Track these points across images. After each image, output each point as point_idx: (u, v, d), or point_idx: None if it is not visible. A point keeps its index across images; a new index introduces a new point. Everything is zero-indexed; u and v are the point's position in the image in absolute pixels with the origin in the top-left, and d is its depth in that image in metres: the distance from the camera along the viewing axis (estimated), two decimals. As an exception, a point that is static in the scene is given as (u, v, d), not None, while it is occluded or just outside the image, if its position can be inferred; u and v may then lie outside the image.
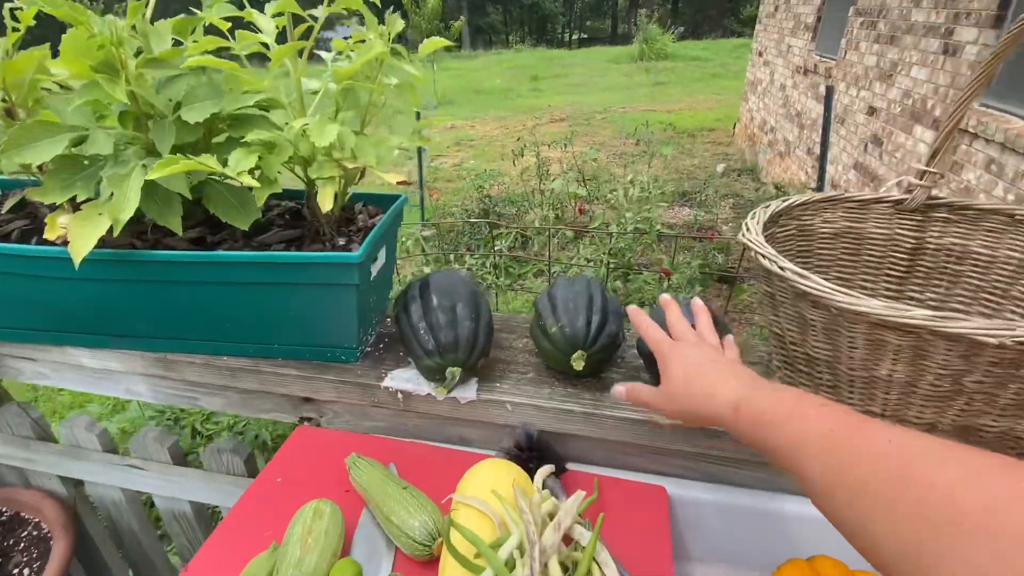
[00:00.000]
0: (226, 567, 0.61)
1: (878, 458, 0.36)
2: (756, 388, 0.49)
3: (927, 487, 0.32)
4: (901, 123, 3.69)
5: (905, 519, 0.32)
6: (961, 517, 0.30)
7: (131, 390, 0.92)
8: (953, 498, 0.31)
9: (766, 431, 0.45)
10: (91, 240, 0.64)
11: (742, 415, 0.48)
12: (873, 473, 0.35)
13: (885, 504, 0.34)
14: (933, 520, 0.31)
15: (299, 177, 0.73)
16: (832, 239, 0.80)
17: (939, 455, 0.34)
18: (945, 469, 0.33)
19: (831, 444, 0.39)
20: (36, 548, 1.12)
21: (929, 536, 0.31)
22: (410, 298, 0.75)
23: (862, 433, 0.38)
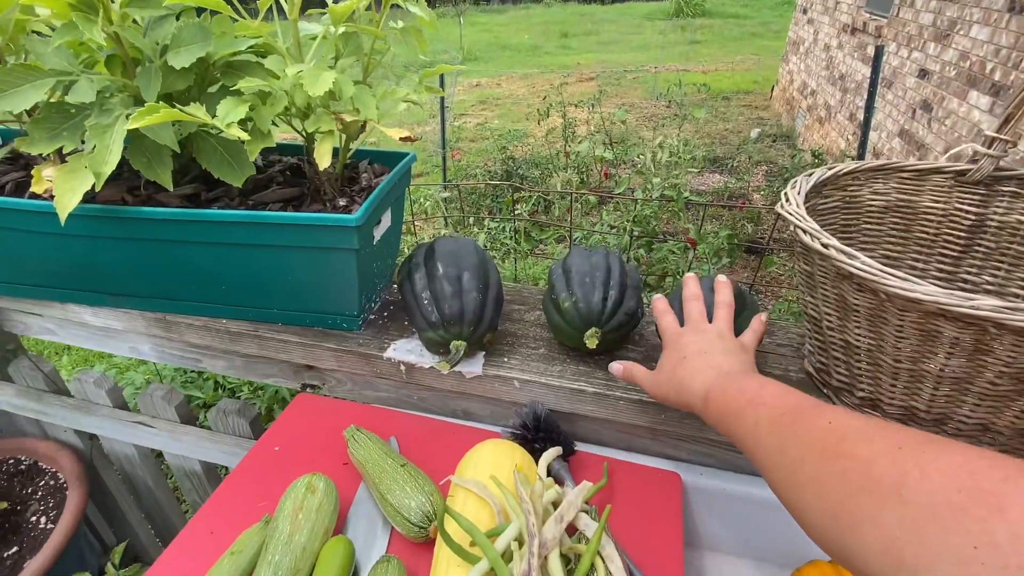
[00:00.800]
0: (218, 538, 0.59)
1: (816, 437, 0.38)
2: (727, 378, 0.51)
3: (851, 459, 0.35)
4: (955, 88, 3.44)
5: (830, 489, 0.35)
6: (875, 486, 0.32)
7: (136, 349, 0.90)
8: (871, 469, 0.33)
9: (730, 419, 0.47)
10: (77, 194, 0.60)
11: (710, 404, 0.50)
12: (809, 451, 0.38)
13: (815, 477, 0.36)
14: (852, 489, 0.33)
15: (297, 131, 0.68)
16: (881, 213, 0.72)
17: (870, 433, 0.36)
18: (872, 444, 0.34)
19: (778, 427, 0.42)
20: (53, 497, 1.14)
21: (848, 503, 0.33)
22: (414, 265, 0.71)
23: (806, 416, 0.41)
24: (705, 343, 0.56)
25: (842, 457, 0.35)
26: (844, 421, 0.38)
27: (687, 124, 4.89)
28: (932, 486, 0.30)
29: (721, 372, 0.52)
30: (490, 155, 4.54)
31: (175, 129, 0.64)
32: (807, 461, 0.37)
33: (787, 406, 0.43)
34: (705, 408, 0.50)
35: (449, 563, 0.50)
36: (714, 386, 0.50)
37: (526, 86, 8.13)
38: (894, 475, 0.31)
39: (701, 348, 0.56)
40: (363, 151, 0.83)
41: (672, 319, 0.62)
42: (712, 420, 0.50)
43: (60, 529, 1.06)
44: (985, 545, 0.26)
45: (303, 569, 0.52)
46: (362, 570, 0.56)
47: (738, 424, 0.45)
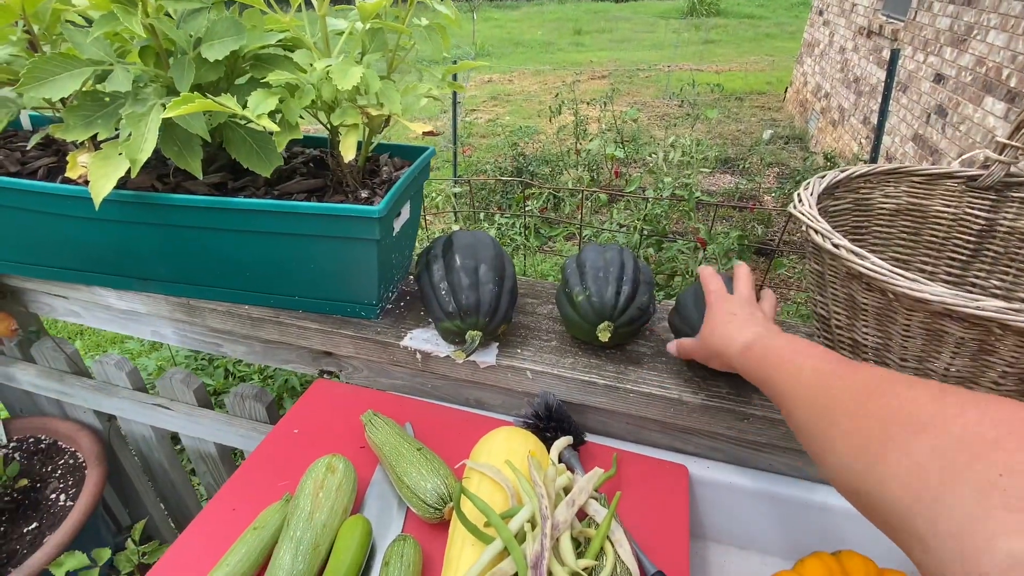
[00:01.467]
0: (239, 515, 0.61)
1: (860, 380, 0.39)
2: (774, 333, 0.53)
3: (892, 396, 0.36)
4: (970, 93, 3.42)
5: (866, 421, 0.36)
6: (912, 419, 0.33)
7: (158, 332, 0.93)
8: (910, 405, 0.34)
9: (769, 367, 0.48)
10: (111, 180, 0.62)
11: (751, 354, 0.52)
12: (851, 390, 0.39)
13: (852, 411, 0.37)
14: (887, 421, 0.34)
15: (322, 124, 0.69)
16: (892, 216, 0.73)
17: (914, 381, 0.37)
18: (914, 387, 0.36)
19: (823, 373, 0.43)
20: (72, 476, 1.17)
21: (880, 433, 0.34)
22: (432, 257, 0.73)
23: (851, 366, 0.42)
24: (747, 309, 0.59)
25: (883, 395, 0.36)
26: (888, 372, 0.39)
27: (699, 124, 4.88)
28: (968, 421, 0.30)
29: (768, 329, 0.54)
30: (501, 151, 4.55)
31: (206, 119, 0.66)
32: (847, 399, 0.38)
33: (835, 361, 0.44)
34: (744, 354, 0.52)
35: (464, 542, 0.52)
36: (761, 336, 0.53)
37: (538, 83, 8.13)
38: (932, 411, 0.32)
39: (751, 313, 0.58)
40: (383, 145, 0.85)
41: (721, 284, 0.64)
42: (750, 366, 0.51)
43: (79, 507, 1.09)
44: (1010, 472, 0.27)
45: (323, 545, 0.55)
46: (378, 548, 0.58)
47: (779, 370, 0.47)
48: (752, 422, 0.65)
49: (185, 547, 0.59)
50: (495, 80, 8.46)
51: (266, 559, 0.55)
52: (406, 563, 0.53)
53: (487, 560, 0.48)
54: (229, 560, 0.53)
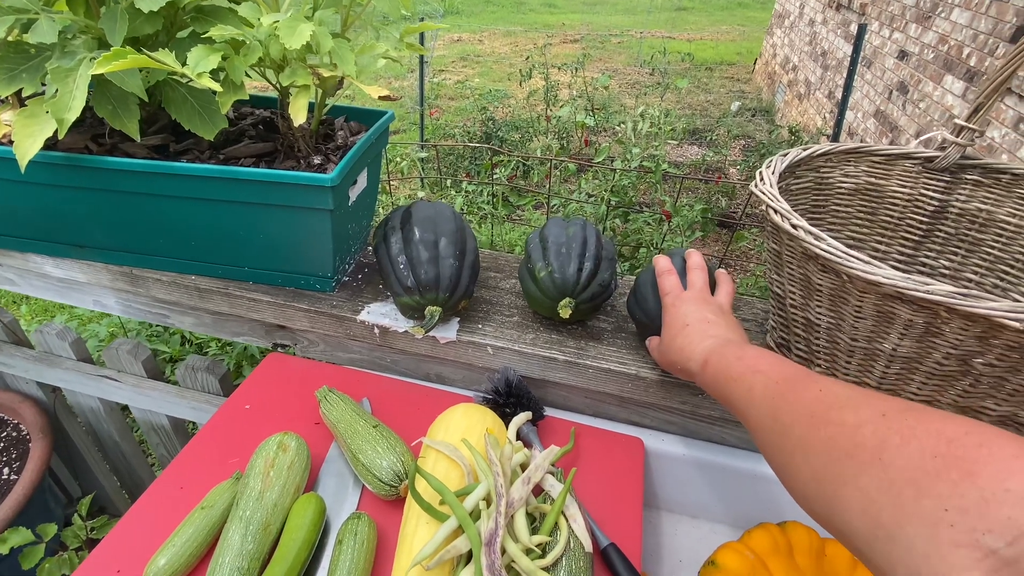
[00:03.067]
0: (187, 493, 0.60)
1: (806, 404, 0.39)
2: (727, 345, 0.52)
3: (838, 425, 0.36)
4: (932, 71, 3.49)
5: (817, 453, 0.36)
6: (858, 451, 0.33)
7: (100, 302, 0.88)
8: (855, 435, 0.34)
9: (725, 384, 0.48)
10: (37, 141, 0.58)
11: (708, 370, 0.51)
12: (799, 417, 0.39)
13: (803, 441, 0.37)
14: (836, 454, 0.34)
15: (271, 83, 0.65)
16: (850, 195, 0.74)
17: (857, 401, 0.37)
18: (858, 412, 0.35)
19: (772, 394, 0.43)
20: (15, 449, 1.13)
21: (832, 467, 0.34)
22: (390, 229, 0.70)
23: (799, 385, 0.42)
24: (708, 312, 0.58)
25: (830, 424, 0.36)
26: (833, 390, 0.39)
27: (669, 93, 4.86)
28: (910, 451, 0.30)
29: (721, 340, 0.53)
30: (469, 115, 4.45)
31: (142, 76, 0.61)
32: (797, 426, 0.38)
33: (782, 375, 0.44)
34: (703, 372, 0.52)
35: (419, 520, 0.52)
36: (714, 352, 0.51)
37: (509, 44, 7.92)
38: (876, 441, 0.32)
39: (704, 316, 0.57)
40: (339, 107, 0.81)
41: (676, 281, 0.62)
42: (708, 384, 0.51)
43: (24, 480, 1.05)
44: (955, 508, 0.27)
45: (274, 524, 0.54)
46: (333, 526, 0.57)
47: (734, 389, 0.47)
48: (706, 397, 0.66)
49: (131, 526, 0.57)
50: (465, 40, 8.21)
51: (214, 539, 0.54)
52: (360, 541, 0.52)
53: (442, 538, 0.48)
54: (175, 540, 0.52)
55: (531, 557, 0.48)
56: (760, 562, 0.54)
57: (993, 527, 0.25)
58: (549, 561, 0.48)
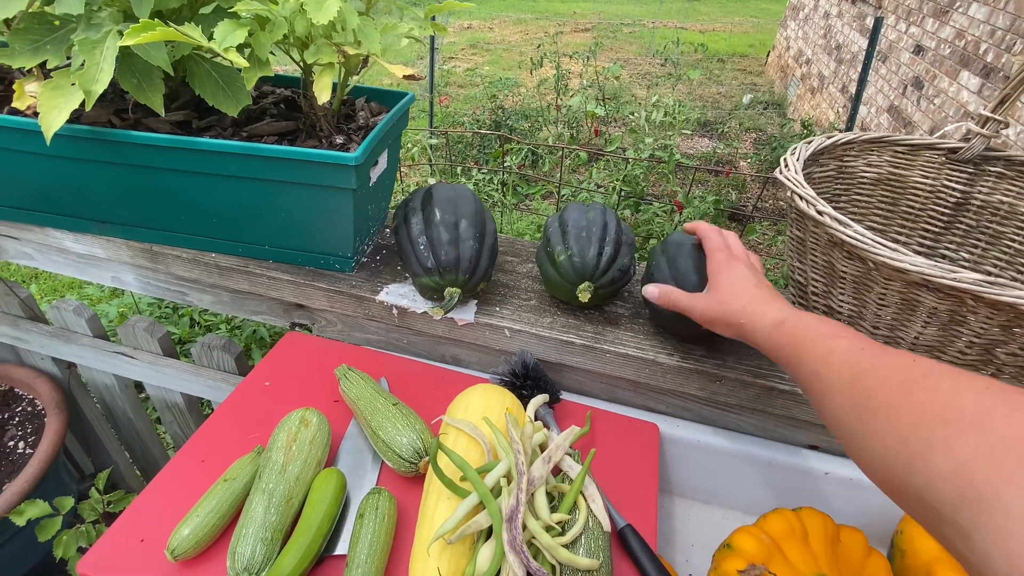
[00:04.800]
0: (209, 466, 0.60)
1: (897, 369, 0.38)
2: (800, 311, 0.51)
3: (933, 391, 0.34)
4: (947, 66, 3.45)
5: (904, 416, 0.34)
6: (956, 416, 0.32)
7: (119, 279, 0.88)
8: (953, 401, 0.33)
9: (802, 347, 0.46)
10: (63, 113, 0.58)
11: (784, 330, 0.49)
12: (887, 380, 0.37)
13: (890, 404, 0.36)
14: (930, 417, 0.33)
15: (295, 61, 0.65)
16: (872, 185, 0.74)
17: (956, 373, 0.35)
18: (957, 381, 0.34)
19: (856, 358, 0.41)
20: (31, 423, 1.14)
21: (922, 429, 0.33)
22: (411, 210, 0.70)
23: (890, 352, 0.40)
24: (759, 279, 0.57)
25: (925, 389, 0.35)
26: (929, 361, 0.38)
27: (680, 85, 4.82)
28: (1016, 421, 0.29)
29: (787, 306, 0.52)
30: (479, 102, 4.43)
31: (167, 50, 0.61)
32: (883, 389, 0.37)
33: (868, 342, 0.42)
34: (776, 330, 0.50)
35: (439, 496, 0.52)
36: (792, 316, 0.50)
37: (519, 32, 7.86)
38: (978, 409, 0.31)
39: (759, 281, 0.56)
40: (360, 88, 0.80)
41: (722, 240, 0.61)
42: (778, 343, 0.49)
43: (39, 454, 1.06)
44: None
45: (296, 497, 0.54)
46: (352, 500, 0.58)
47: (808, 349, 0.45)
48: (724, 384, 0.66)
49: (153, 497, 0.58)
50: (475, 27, 8.16)
51: (237, 511, 0.55)
52: (381, 515, 0.53)
53: (463, 513, 0.49)
54: (199, 511, 0.53)
55: (551, 534, 0.49)
56: (775, 546, 0.55)
57: None
58: (569, 539, 0.49)
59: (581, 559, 0.47)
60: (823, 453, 0.69)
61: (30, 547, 1.08)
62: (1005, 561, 0.26)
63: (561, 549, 0.47)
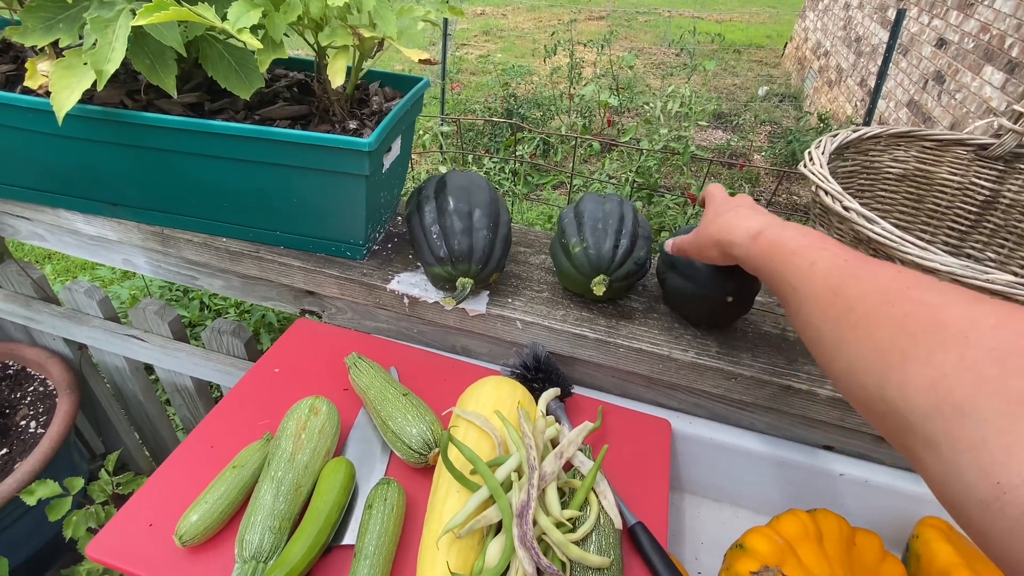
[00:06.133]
0: (218, 452, 0.60)
1: (881, 281, 0.36)
2: (781, 223, 0.49)
3: (918, 303, 0.33)
4: (970, 61, 3.37)
5: (885, 326, 0.33)
6: (941, 328, 0.30)
7: (130, 261, 0.88)
8: (939, 313, 0.31)
9: (780, 257, 0.45)
10: (75, 93, 0.57)
11: (761, 241, 0.48)
12: (871, 292, 0.36)
13: (871, 316, 0.34)
14: (912, 329, 0.32)
15: (309, 44, 0.64)
16: (898, 181, 0.72)
17: (943, 286, 0.34)
18: (944, 294, 0.33)
19: (839, 269, 0.39)
20: (42, 404, 1.15)
21: (902, 340, 0.31)
22: (424, 198, 0.69)
23: (873, 264, 0.38)
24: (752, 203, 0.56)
25: (908, 301, 0.33)
26: (915, 274, 0.36)
27: (695, 75, 4.75)
28: (1004, 334, 0.28)
29: (777, 220, 0.50)
30: (491, 90, 4.39)
31: (180, 31, 0.60)
32: (865, 302, 0.36)
33: (851, 255, 0.41)
34: (752, 242, 0.48)
35: (449, 488, 0.52)
36: (772, 225, 0.48)
37: (532, 20, 7.78)
38: (965, 321, 0.30)
39: (751, 204, 0.56)
40: (374, 72, 0.79)
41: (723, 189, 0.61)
42: (756, 256, 0.48)
43: (50, 434, 1.07)
44: None
45: (305, 486, 0.54)
46: (361, 491, 0.57)
47: (789, 261, 0.43)
48: (739, 381, 0.65)
49: (162, 481, 0.58)
50: (488, 13, 8.08)
51: (245, 498, 0.55)
52: (389, 506, 0.52)
53: (473, 507, 0.48)
54: (208, 498, 0.52)
55: (562, 531, 0.48)
56: (789, 548, 0.54)
57: None
58: (580, 536, 0.48)
59: (592, 556, 0.47)
60: (838, 454, 0.68)
61: (40, 526, 1.09)
62: (977, 470, 0.26)
63: (572, 546, 0.46)
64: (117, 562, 0.52)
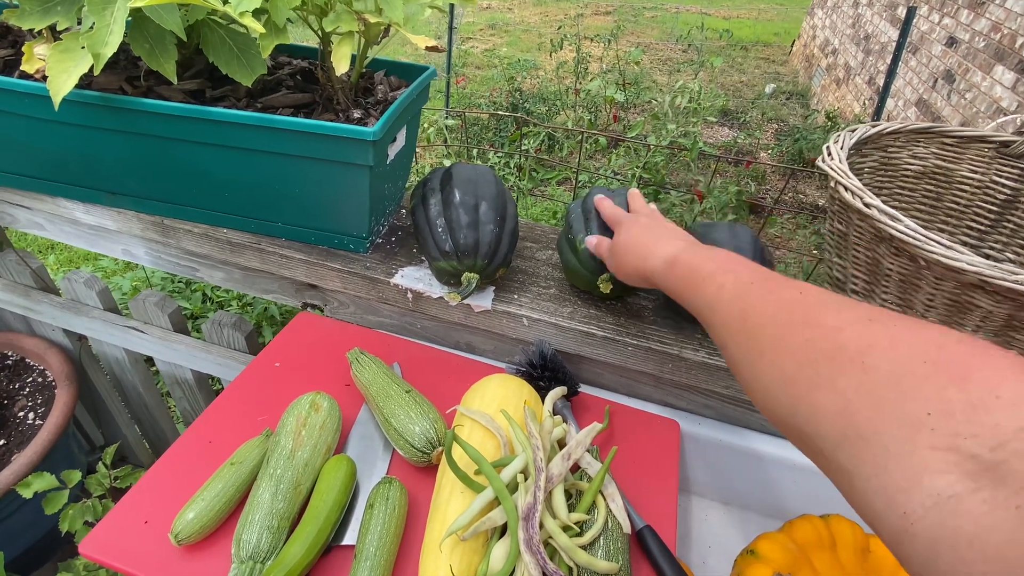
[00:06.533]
0: (216, 447, 0.59)
1: (783, 304, 0.37)
2: (696, 247, 0.50)
3: (817, 327, 0.33)
4: (981, 60, 3.33)
5: (789, 353, 0.33)
6: (839, 353, 0.31)
7: (129, 252, 0.87)
8: (837, 337, 0.32)
9: (694, 284, 0.45)
10: (72, 77, 0.55)
11: (675, 269, 0.49)
12: (774, 316, 0.36)
13: (776, 342, 0.35)
14: (813, 355, 0.32)
15: (313, 30, 0.62)
16: (916, 179, 0.70)
17: (840, 305, 0.34)
18: (841, 314, 0.33)
19: (745, 293, 0.40)
20: (41, 395, 1.14)
21: (807, 368, 0.32)
22: (429, 190, 0.67)
23: (776, 285, 0.39)
24: (661, 222, 0.58)
25: (808, 326, 0.34)
26: (815, 293, 0.36)
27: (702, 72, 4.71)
28: (898, 355, 0.28)
29: (690, 242, 0.52)
30: (496, 84, 4.35)
31: (181, 15, 0.58)
32: (770, 326, 0.36)
33: (758, 275, 0.41)
34: (669, 271, 0.49)
35: (452, 489, 0.50)
36: (685, 251, 0.49)
37: (538, 14, 7.73)
38: (861, 344, 0.30)
39: (661, 223, 0.57)
40: (379, 61, 0.77)
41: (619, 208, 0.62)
42: (673, 285, 0.49)
43: (48, 426, 1.06)
44: (939, 412, 0.25)
45: (305, 484, 0.53)
46: (362, 489, 0.56)
47: (702, 288, 0.44)
48: (751, 383, 0.63)
49: (159, 476, 0.57)
50: (494, 7, 8.03)
51: (243, 495, 0.53)
52: (391, 506, 0.51)
53: (477, 509, 0.47)
54: (204, 495, 0.51)
55: (569, 535, 0.47)
56: (802, 554, 0.52)
57: (978, 432, 0.24)
58: (587, 540, 0.47)
59: (600, 562, 0.45)
60: (851, 458, 0.67)
61: (38, 519, 1.08)
62: (884, 499, 0.26)
63: (579, 551, 0.45)
64: (111, 560, 0.50)
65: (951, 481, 0.23)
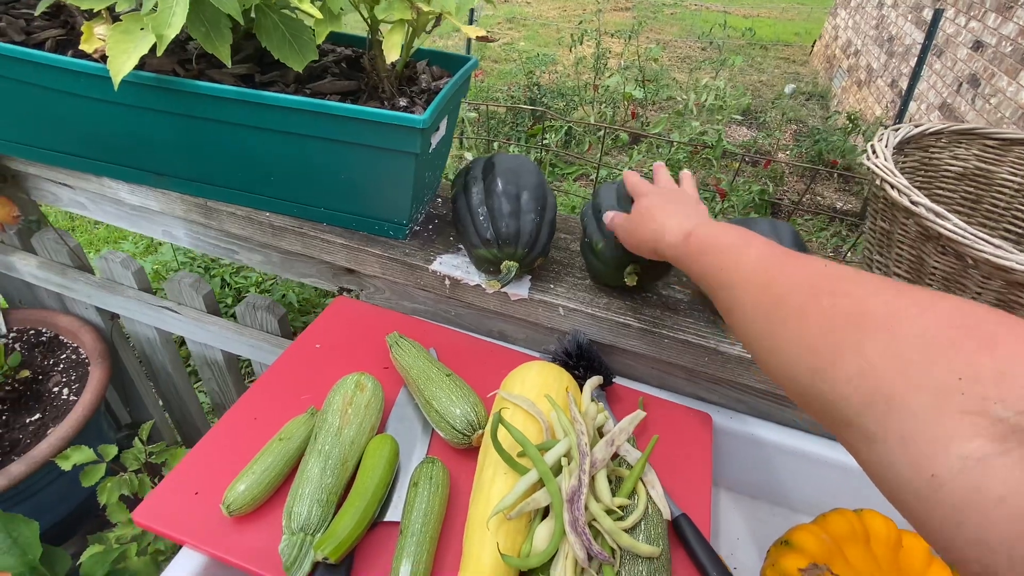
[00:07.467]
0: (261, 424, 0.60)
1: (808, 275, 0.36)
2: (714, 222, 0.50)
3: (843, 296, 0.33)
4: (1007, 65, 3.28)
5: (815, 322, 0.33)
6: (865, 320, 0.31)
7: (169, 233, 0.89)
8: (865, 303, 0.32)
9: (710, 256, 0.45)
10: (133, 58, 0.57)
11: (691, 242, 0.49)
12: (797, 287, 0.36)
13: (800, 310, 0.35)
14: (839, 321, 0.32)
15: (363, 17, 0.63)
16: (956, 180, 0.70)
17: (868, 277, 0.34)
18: (868, 285, 0.33)
19: (767, 265, 0.40)
20: (74, 371, 1.16)
21: (832, 335, 0.32)
22: (472, 179, 0.68)
23: (799, 258, 0.39)
24: (679, 196, 0.57)
25: (835, 294, 0.34)
26: (840, 267, 0.36)
27: (723, 71, 4.68)
28: (926, 321, 0.28)
29: (701, 218, 0.52)
30: (514, 78, 4.35)
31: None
32: (794, 295, 0.36)
33: (777, 248, 0.41)
34: (684, 243, 0.49)
35: (496, 470, 0.51)
36: (701, 224, 0.49)
37: (557, 9, 7.70)
38: (889, 311, 0.30)
39: (685, 199, 0.57)
40: (421, 51, 0.78)
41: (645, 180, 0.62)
42: (687, 256, 0.48)
43: (83, 402, 1.08)
44: (969, 377, 0.25)
45: (351, 461, 0.54)
46: (403, 469, 0.57)
47: (720, 260, 0.44)
48: (786, 377, 0.64)
49: (207, 451, 0.58)
50: (512, 1, 8.01)
51: (291, 470, 0.55)
52: (435, 485, 0.52)
53: (522, 490, 0.48)
54: (255, 468, 0.53)
55: (612, 518, 0.48)
56: (836, 546, 0.53)
57: (1006, 397, 0.24)
58: (630, 524, 0.48)
59: (642, 545, 0.46)
60: (882, 455, 0.67)
61: (69, 492, 1.11)
62: (910, 463, 0.26)
63: (623, 534, 0.46)
64: (163, 528, 0.52)
65: (980, 444, 0.24)
